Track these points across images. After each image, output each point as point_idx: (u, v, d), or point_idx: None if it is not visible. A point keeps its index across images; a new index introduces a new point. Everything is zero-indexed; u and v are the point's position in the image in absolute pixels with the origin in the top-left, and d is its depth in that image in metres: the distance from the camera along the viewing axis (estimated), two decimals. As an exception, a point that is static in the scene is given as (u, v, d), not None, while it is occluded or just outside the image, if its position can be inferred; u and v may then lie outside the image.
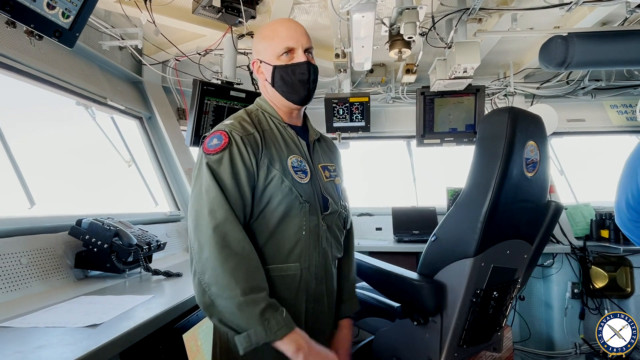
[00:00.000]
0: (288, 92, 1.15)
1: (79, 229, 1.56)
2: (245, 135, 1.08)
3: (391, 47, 2.33)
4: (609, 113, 3.36)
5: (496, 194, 1.35)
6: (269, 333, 0.95)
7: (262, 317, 0.95)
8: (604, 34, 2.24)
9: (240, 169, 1.04)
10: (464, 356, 1.59)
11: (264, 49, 1.16)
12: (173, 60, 2.79)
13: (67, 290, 1.40)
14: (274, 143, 1.13)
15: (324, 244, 1.16)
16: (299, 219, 1.10)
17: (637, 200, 1.41)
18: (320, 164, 1.22)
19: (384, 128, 3.52)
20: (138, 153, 2.68)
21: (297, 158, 1.14)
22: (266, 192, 1.07)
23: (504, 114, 1.39)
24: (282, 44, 1.13)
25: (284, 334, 0.97)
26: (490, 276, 1.47)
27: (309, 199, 1.12)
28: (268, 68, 1.15)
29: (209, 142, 1.06)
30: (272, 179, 1.07)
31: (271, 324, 0.96)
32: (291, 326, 0.99)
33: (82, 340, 0.86)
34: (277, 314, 0.98)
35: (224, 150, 1.04)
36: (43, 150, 2.17)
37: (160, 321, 1.11)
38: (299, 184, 1.11)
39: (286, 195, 1.08)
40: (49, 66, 1.92)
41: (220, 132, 1.07)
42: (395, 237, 3.12)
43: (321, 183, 1.19)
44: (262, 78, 1.19)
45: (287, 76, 1.14)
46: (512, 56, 3.09)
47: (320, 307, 1.17)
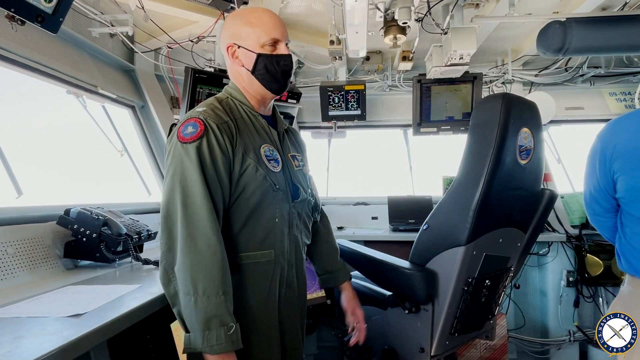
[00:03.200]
0: (269, 81, 1.15)
1: (67, 218, 1.54)
2: (221, 123, 1.07)
3: (386, 33, 2.30)
4: (608, 101, 3.32)
5: (488, 182, 1.33)
6: (204, 344, 0.94)
7: (205, 325, 0.94)
8: (603, 19, 2.19)
9: (218, 157, 1.03)
10: (455, 344, 1.59)
11: (246, 35, 1.13)
12: (165, 47, 2.75)
13: (55, 280, 1.39)
14: (247, 132, 1.13)
15: (295, 231, 1.20)
16: (272, 206, 1.12)
17: (598, 194, 1.45)
18: (289, 154, 1.24)
19: (381, 117, 3.49)
20: (131, 142, 2.65)
21: (269, 147, 1.15)
22: (241, 181, 1.07)
23: (497, 100, 1.36)
24: (269, 34, 1.12)
25: (219, 352, 0.95)
26: (482, 265, 1.47)
27: (281, 187, 1.14)
28: (250, 55, 1.13)
29: (184, 130, 1.04)
30: (247, 168, 1.07)
31: (210, 337, 0.94)
32: (229, 347, 0.96)
33: (63, 330, 0.85)
34: (222, 328, 0.95)
35: (201, 138, 1.02)
36: (31, 139, 2.14)
37: (147, 310, 1.10)
38: (272, 173, 1.12)
39: (260, 184, 1.09)
40: (36, 53, 1.88)
41: (194, 120, 1.05)
42: (391, 226, 3.11)
43: (292, 172, 1.21)
44: (237, 63, 1.16)
45: (272, 66, 1.13)
46: (510, 43, 3.04)
47: (291, 292, 1.20)
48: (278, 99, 2.86)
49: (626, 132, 1.34)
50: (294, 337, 1.23)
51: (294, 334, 1.23)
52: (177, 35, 2.64)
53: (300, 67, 3.30)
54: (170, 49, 2.78)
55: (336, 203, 3.40)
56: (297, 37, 2.85)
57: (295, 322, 1.22)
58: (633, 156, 1.30)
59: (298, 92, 2.97)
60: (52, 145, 2.30)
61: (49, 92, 2.19)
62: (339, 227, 3.22)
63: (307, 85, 3.40)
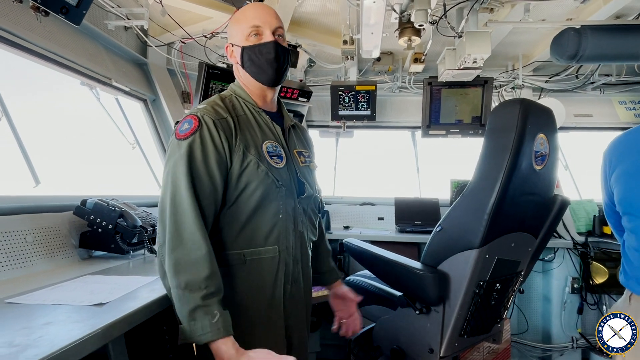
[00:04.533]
0: (257, 73, 1.15)
1: (84, 209, 1.56)
2: (218, 119, 1.08)
3: (401, 35, 2.30)
4: (617, 109, 3.32)
5: (504, 186, 1.34)
6: (192, 334, 0.95)
7: (190, 317, 0.95)
8: (617, 28, 2.20)
9: (210, 152, 1.04)
10: (464, 346, 1.60)
11: (235, 32, 1.17)
12: (179, 42, 2.76)
13: (71, 269, 1.40)
14: (249, 128, 1.14)
15: (300, 226, 1.20)
16: (275, 202, 1.12)
17: (608, 208, 1.56)
18: (295, 150, 1.24)
19: (390, 117, 3.50)
20: (142, 135, 2.67)
21: (272, 143, 1.15)
22: (242, 178, 1.07)
23: (515, 106, 1.37)
24: (249, 24, 1.14)
25: (206, 340, 0.95)
26: (494, 268, 1.48)
27: (285, 183, 1.14)
28: (238, 50, 1.16)
29: (180, 127, 1.06)
30: (247, 164, 1.08)
31: (196, 327, 0.95)
32: (217, 334, 0.95)
33: (90, 319, 0.86)
34: (205, 317, 0.95)
35: (194, 134, 1.04)
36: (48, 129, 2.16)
37: (165, 302, 1.11)
38: (275, 169, 1.12)
39: (262, 180, 1.09)
40: (54, 44, 1.90)
41: (190, 117, 1.07)
42: (397, 227, 3.12)
43: (297, 167, 1.21)
44: (234, 62, 1.20)
45: (255, 56, 1.14)
46: (521, 48, 3.05)
47: (297, 288, 1.20)
48: (289, 96, 2.90)
49: (622, 147, 1.42)
50: (299, 333, 1.23)
51: (300, 329, 1.23)
52: (191, 30, 2.65)
53: (312, 66, 3.31)
54: (184, 44, 2.79)
55: (343, 202, 3.41)
56: (310, 35, 2.86)
57: (300, 318, 1.23)
58: (625, 171, 1.36)
59: (309, 90, 2.98)
60: (65, 136, 2.31)
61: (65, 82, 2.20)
62: (345, 226, 3.24)
63: (317, 84, 3.41)
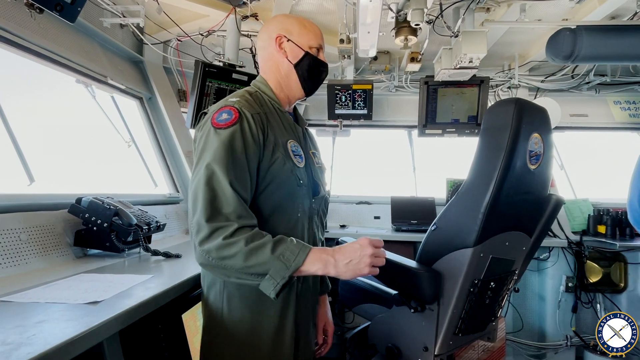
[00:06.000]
0: (306, 80, 1.21)
1: (79, 207, 1.55)
2: (254, 114, 1.09)
3: (397, 34, 2.31)
4: (612, 109, 3.34)
5: (499, 186, 1.35)
6: (289, 265, 0.95)
7: (274, 254, 0.95)
8: (613, 28, 2.21)
9: (249, 144, 1.04)
10: (458, 344, 1.61)
11: (298, 33, 1.20)
12: (175, 40, 2.75)
13: (66, 267, 1.40)
14: (276, 125, 1.15)
15: (314, 226, 1.23)
16: (296, 200, 1.14)
17: None
18: (310, 151, 1.27)
19: (386, 117, 3.50)
20: (138, 134, 2.66)
21: (295, 143, 1.17)
22: (269, 172, 1.08)
23: (510, 105, 1.38)
24: (317, 40, 1.22)
25: (304, 258, 0.97)
26: (488, 267, 1.48)
27: (304, 183, 1.16)
28: (298, 50, 1.19)
29: (218, 117, 1.05)
30: (275, 160, 1.09)
31: (287, 256, 0.96)
32: (305, 248, 0.99)
33: (84, 317, 0.86)
34: (286, 244, 0.98)
35: (235, 125, 1.04)
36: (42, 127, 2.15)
37: (160, 301, 1.12)
38: (297, 167, 1.14)
39: (287, 177, 1.10)
40: (49, 42, 1.89)
41: (229, 108, 1.07)
42: (394, 226, 3.13)
43: (313, 168, 1.23)
44: (281, 54, 1.20)
45: (314, 68, 1.21)
46: (517, 48, 3.06)
47: (306, 286, 1.21)
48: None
49: None
50: (306, 329, 1.24)
51: (306, 325, 1.25)
52: (187, 28, 2.64)
53: (308, 65, 3.31)
54: (180, 42, 2.78)
55: (339, 201, 3.41)
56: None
57: (307, 315, 1.24)
58: None
59: (306, 89, 2.97)
60: (61, 134, 2.30)
61: (61, 80, 2.19)
62: (341, 225, 3.24)
63: (314, 83, 3.40)
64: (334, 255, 1.00)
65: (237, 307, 1.09)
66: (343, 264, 0.99)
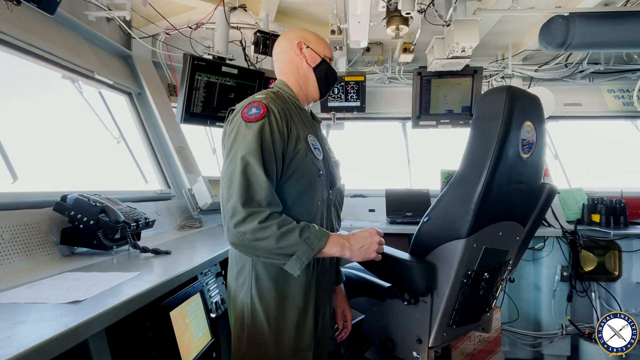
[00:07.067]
0: (322, 83, 1.36)
1: (64, 204, 1.52)
2: (280, 109, 1.20)
3: (388, 24, 2.27)
4: (606, 97, 3.33)
5: (491, 175, 1.33)
6: (314, 247, 1.11)
7: (301, 238, 1.09)
8: (606, 15, 2.19)
9: (276, 137, 1.15)
10: (453, 336, 1.60)
11: (315, 42, 1.36)
12: (163, 34, 2.70)
13: (52, 266, 1.37)
14: (298, 121, 1.27)
15: (332, 216, 1.35)
16: (317, 191, 1.25)
17: None
18: (326, 146, 1.40)
19: (380, 109, 3.47)
20: (127, 130, 2.61)
21: (313, 137, 1.29)
22: (293, 163, 1.19)
23: (501, 93, 1.35)
24: (330, 52, 1.40)
25: (326, 241, 1.13)
26: (481, 257, 1.47)
27: (324, 174, 1.28)
28: (316, 56, 1.35)
29: (248, 112, 1.16)
30: (298, 152, 1.20)
31: (312, 240, 1.11)
32: (326, 233, 1.15)
33: (63, 317, 0.84)
34: (310, 229, 1.12)
35: (264, 119, 1.15)
36: (26, 124, 2.10)
37: (147, 298, 1.09)
38: (317, 160, 1.26)
39: (309, 168, 1.22)
40: (31, 35, 1.84)
41: (257, 103, 1.18)
42: (388, 219, 3.11)
43: (330, 162, 1.36)
44: (302, 59, 1.35)
45: (329, 74, 1.38)
46: (511, 37, 3.03)
47: (324, 272, 1.33)
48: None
49: None
50: (324, 315, 1.38)
51: (324, 312, 1.38)
52: (176, 21, 2.60)
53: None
54: (168, 35, 2.73)
55: (333, 195, 3.39)
56: (297, 25, 2.81)
57: (325, 302, 1.38)
58: None
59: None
60: (47, 131, 2.25)
61: (44, 76, 2.14)
62: (336, 218, 3.22)
63: (306, 75, 3.37)
64: (349, 240, 1.18)
65: (264, 289, 1.22)
66: (356, 247, 1.18)
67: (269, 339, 1.21)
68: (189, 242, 2.00)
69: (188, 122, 2.52)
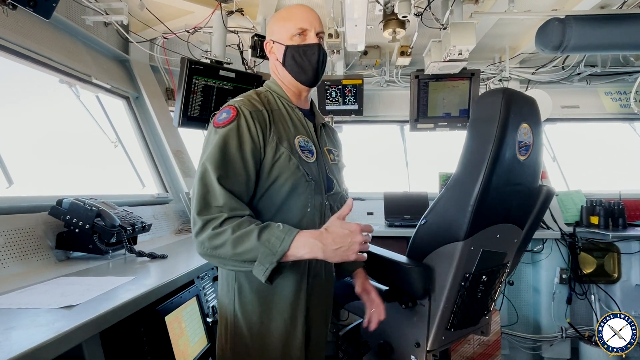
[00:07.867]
0: (297, 72, 1.20)
1: (60, 209, 1.51)
2: (254, 111, 1.12)
3: (385, 27, 2.28)
4: (603, 100, 3.34)
5: (488, 177, 1.32)
6: (274, 250, 0.97)
7: (260, 241, 0.97)
8: (602, 17, 2.19)
9: (245, 140, 1.08)
10: (451, 339, 1.58)
11: (278, 30, 1.21)
12: (161, 38, 2.71)
13: (47, 271, 1.36)
14: (282, 123, 1.18)
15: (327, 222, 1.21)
16: (304, 196, 1.14)
17: None
18: (325, 147, 1.29)
19: (378, 112, 3.48)
20: (125, 134, 2.61)
21: (304, 138, 1.19)
22: (274, 169, 1.11)
23: (497, 95, 1.35)
24: (297, 24, 1.18)
25: (290, 243, 0.98)
26: (479, 260, 1.46)
27: (314, 178, 1.17)
28: (280, 48, 1.21)
29: (219, 117, 1.11)
30: (280, 156, 1.11)
31: (272, 242, 0.97)
32: (292, 232, 0.99)
33: (56, 322, 0.83)
34: (271, 230, 1.00)
35: (232, 123, 1.08)
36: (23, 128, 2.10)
37: (141, 302, 1.08)
38: (305, 163, 1.16)
39: (293, 173, 1.12)
40: (28, 40, 1.84)
41: (229, 107, 1.12)
42: (387, 222, 3.11)
43: (327, 164, 1.25)
44: (273, 58, 1.25)
45: (299, 56, 1.19)
46: (507, 40, 3.04)
47: (318, 281, 1.22)
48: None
49: None
50: (318, 327, 1.25)
51: (318, 323, 1.26)
52: (173, 25, 2.60)
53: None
54: (166, 40, 2.74)
55: (332, 198, 3.38)
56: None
57: (320, 312, 1.25)
58: None
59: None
60: (44, 136, 2.25)
61: (41, 80, 2.13)
62: (334, 222, 3.21)
63: (304, 79, 3.37)
64: (323, 240, 0.99)
65: (247, 301, 1.14)
66: (331, 249, 0.99)
67: (253, 352, 1.13)
68: (186, 246, 1.99)
69: (185, 126, 2.51)
